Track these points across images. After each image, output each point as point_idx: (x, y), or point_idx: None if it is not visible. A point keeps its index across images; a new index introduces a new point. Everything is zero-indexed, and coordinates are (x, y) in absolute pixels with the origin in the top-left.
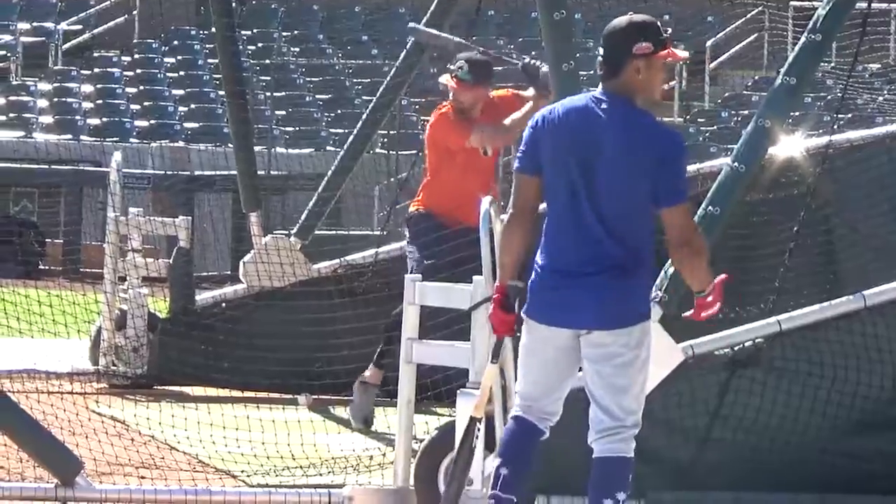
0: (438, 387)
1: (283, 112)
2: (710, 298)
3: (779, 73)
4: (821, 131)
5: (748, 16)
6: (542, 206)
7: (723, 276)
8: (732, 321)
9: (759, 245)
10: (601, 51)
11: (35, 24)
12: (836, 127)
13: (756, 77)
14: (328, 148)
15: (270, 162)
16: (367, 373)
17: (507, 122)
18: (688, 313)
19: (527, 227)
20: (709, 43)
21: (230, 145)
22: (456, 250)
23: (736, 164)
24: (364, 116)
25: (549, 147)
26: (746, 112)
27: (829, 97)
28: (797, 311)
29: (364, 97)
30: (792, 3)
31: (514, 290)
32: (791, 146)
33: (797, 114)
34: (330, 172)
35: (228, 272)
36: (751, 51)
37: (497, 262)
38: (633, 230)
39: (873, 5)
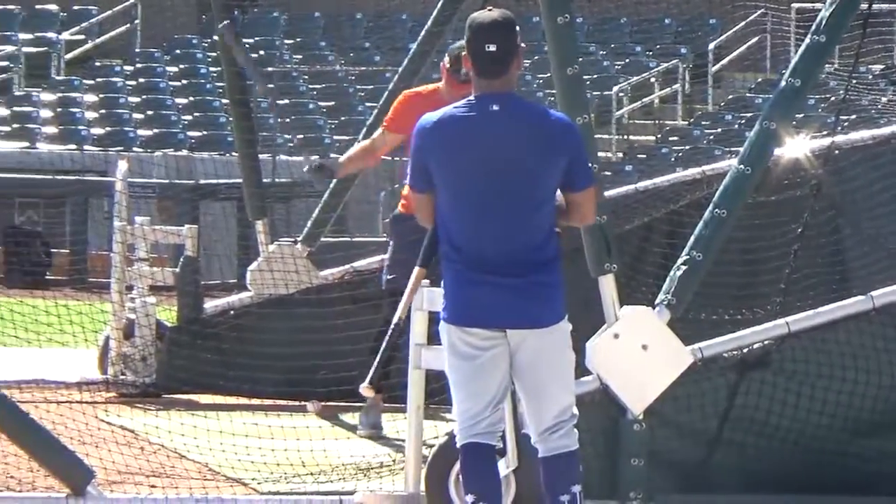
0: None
1: (287, 119)
2: None
3: (782, 75)
4: (824, 132)
5: (750, 18)
6: None
7: None
8: (740, 323)
9: (765, 247)
10: (489, 47)
11: (37, 34)
12: (839, 128)
13: (759, 79)
14: (332, 155)
15: (275, 169)
16: (367, 400)
17: None
18: None
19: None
20: (711, 46)
21: (234, 153)
22: None
23: (742, 166)
24: (368, 122)
25: (444, 158)
26: (750, 114)
27: (832, 98)
28: (805, 313)
29: (367, 104)
30: (794, 4)
31: None
32: (796, 147)
33: (801, 115)
34: (335, 179)
35: (234, 280)
36: (753, 53)
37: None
38: (545, 228)
39: (877, 6)
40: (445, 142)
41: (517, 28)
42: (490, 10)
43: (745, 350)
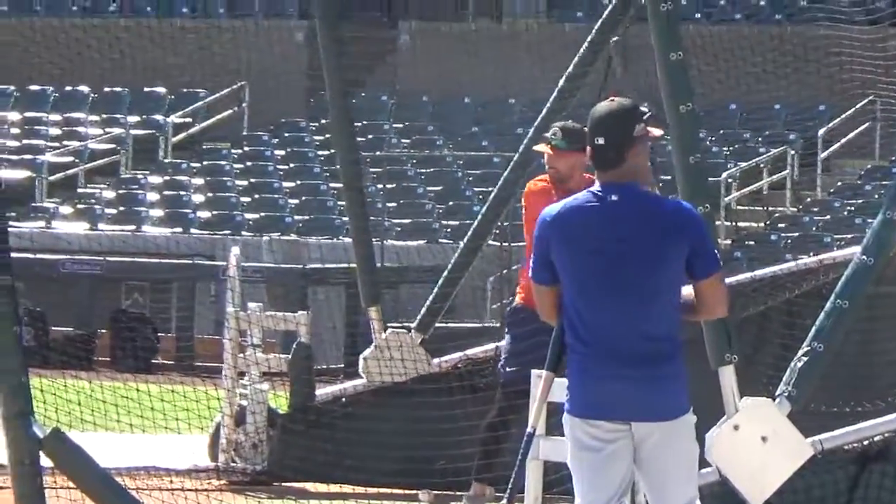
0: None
1: (395, 204)
2: None
3: (892, 163)
4: None
5: (859, 105)
6: None
7: None
8: (861, 415)
9: (884, 338)
10: (600, 140)
11: (144, 116)
12: None
13: (868, 166)
14: (441, 240)
15: (384, 254)
16: (471, 490)
17: None
18: None
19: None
20: (821, 132)
21: (342, 238)
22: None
23: (864, 256)
24: (483, 210)
25: (566, 249)
26: (860, 201)
27: None
28: None
29: (475, 188)
30: None
31: None
32: None
33: None
34: (449, 266)
35: (341, 365)
36: (862, 139)
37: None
38: (667, 320)
39: None
40: (565, 233)
41: (632, 116)
42: (612, 100)
43: (865, 442)
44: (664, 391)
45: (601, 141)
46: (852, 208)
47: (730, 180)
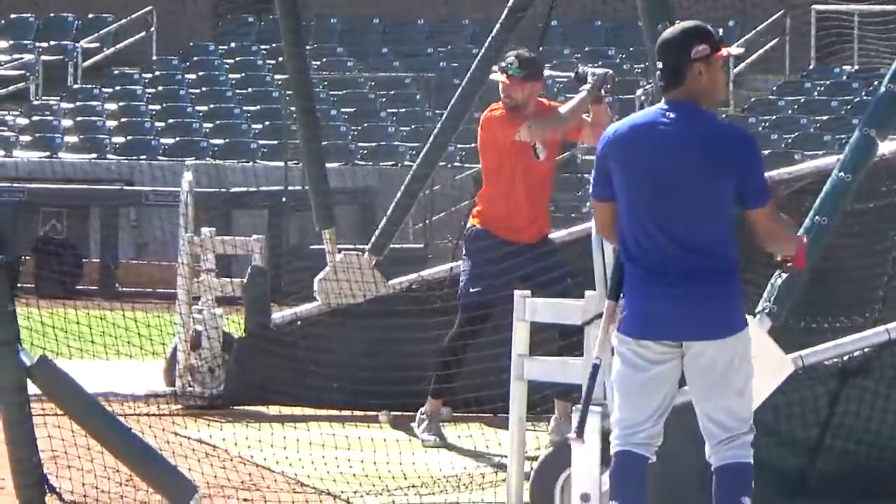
0: (549, 401)
1: None
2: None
3: (803, 77)
4: None
5: (769, 20)
6: None
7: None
8: (841, 331)
9: (863, 254)
10: (659, 63)
11: (53, 42)
12: None
13: (780, 81)
14: (356, 162)
15: (304, 177)
16: (426, 406)
17: (561, 109)
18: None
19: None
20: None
21: (258, 161)
22: (507, 271)
23: (842, 173)
24: (434, 133)
25: (621, 167)
26: (775, 117)
27: None
28: None
29: (388, 110)
30: (814, 6)
31: None
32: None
33: None
34: (401, 191)
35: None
36: (773, 55)
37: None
38: (719, 238)
39: None
40: (622, 150)
41: (690, 38)
42: (677, 24)
43: (845, 358)
44: (714, 310)
45: (660, 63)
46: (766, 124)
47: (642, 98)
